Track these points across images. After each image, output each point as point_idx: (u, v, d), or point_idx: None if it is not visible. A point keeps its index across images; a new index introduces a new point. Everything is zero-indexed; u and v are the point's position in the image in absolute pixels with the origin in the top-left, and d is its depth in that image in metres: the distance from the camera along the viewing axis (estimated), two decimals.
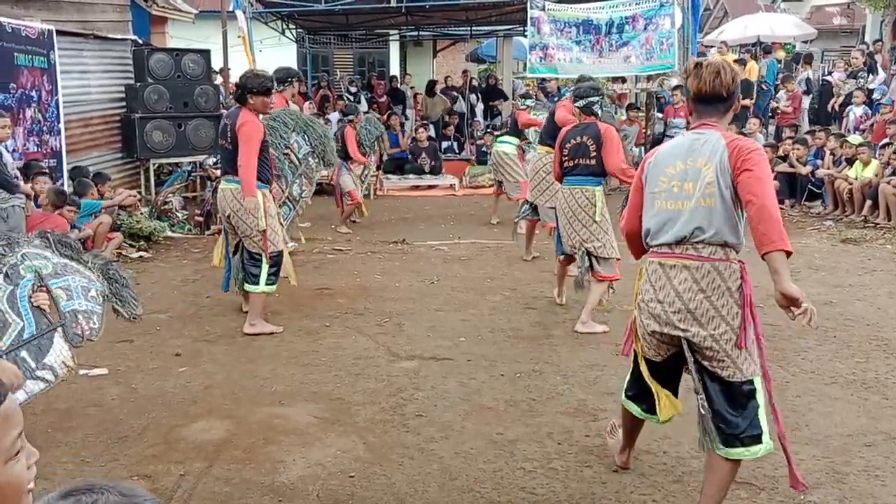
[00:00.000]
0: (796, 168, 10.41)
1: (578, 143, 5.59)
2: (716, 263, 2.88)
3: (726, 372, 2.90)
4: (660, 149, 3.09)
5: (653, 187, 3.01)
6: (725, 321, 2.87)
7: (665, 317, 2.96)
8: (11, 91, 7.88)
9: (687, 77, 3.00)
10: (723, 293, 2.87)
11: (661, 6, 11.21)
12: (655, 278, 2.98)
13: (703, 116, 2.99)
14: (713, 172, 2.85)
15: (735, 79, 2.96)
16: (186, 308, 6.22)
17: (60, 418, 4.17)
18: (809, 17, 22.28)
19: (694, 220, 2.87)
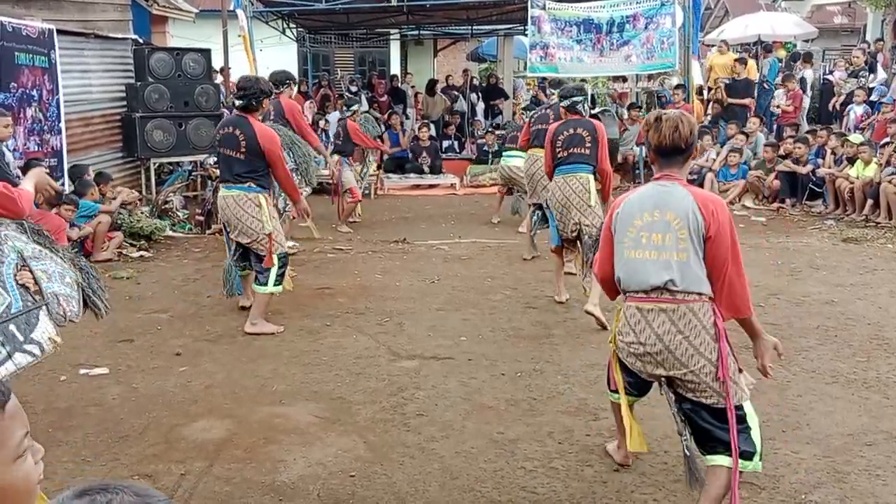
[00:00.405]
0: (797, 167, 10.39)
1: (572, 134, 5.80)
2: (690, 305, 2.97)
3: (710, 400, 2.99)
4: (627, 198, 3.18)
5: (622, 237, 3.11)
6: (703, 357, 2.97)
7: (647, 358, 3.05)
8: (12, 90, 7.87)
9: (648, 130, 3.11)
10: (699, 332, 2.97)
11: (661, 5, 11.21)
12: (634, 322, 3.06)
13: (664, 168, 3.11)
14: (686, 229, 2.96)
15: (693, 131, 3.08)
16: (187, 307, 6.22)
17: (61, 417, 4.17)
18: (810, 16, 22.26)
19: (667, 272, 2.97)
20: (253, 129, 5.38)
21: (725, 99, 12.80)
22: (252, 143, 5.37)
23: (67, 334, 5.12)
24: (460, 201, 11.79)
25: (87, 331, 5.50)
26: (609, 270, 3.20)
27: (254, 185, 5.46)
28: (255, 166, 5.45)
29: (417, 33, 19.20)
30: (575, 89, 6.02)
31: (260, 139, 5.38)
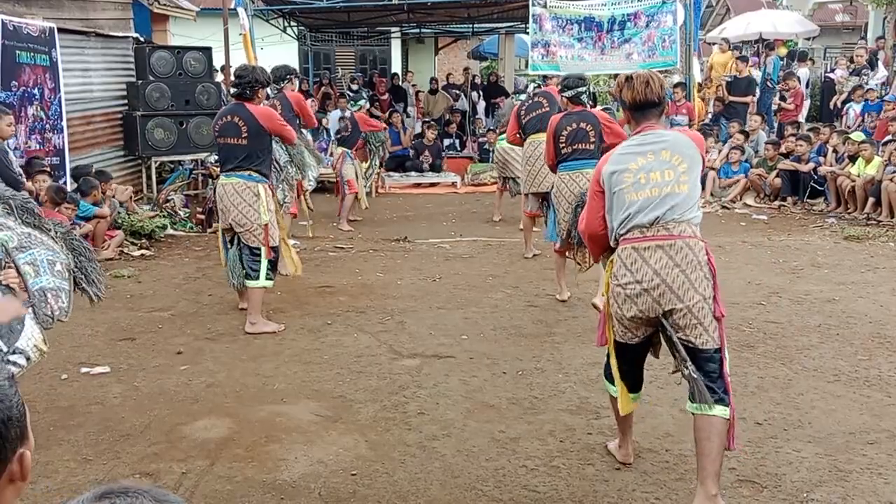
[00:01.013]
0: (798, 165, 10.38)
1: (576, 129, 5.76)
2: (686, 240, 3.12)
3: (700, 339, 3.10)
4: (612, 154, 3.33)
5: (619, 185, 3.22)
6: (697, 292, 3.09)
7: (644, 297, 3.13)
8: (14, 89, 7.88)
9: (620, 90, 3.31)
10: (695, 267, 3.10)
11: (663, 3, 11.19)
12: (630, 261, 3.16)
13: (641, 122, 3.30)
14: (686, 163, 3.17)
15: (663, 86, 3.30)
16: (188, 306, 6.22)
17: (62, 416, 4.17)
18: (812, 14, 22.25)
19: (667, 202, 3.13)
20: (250, 112, 5.42)
21: (727, 97, 12.79)
22: (253, 124, 5.40)
23: (68, 333, 5.16)
24: (461, 200, 11.79)
25: (88, 329, 5.51)
26: (597, 225, 3.34)
27: (254, 174, 5.45)
28: (259, 151, 5.46)
29: (418, 31, 19.19)
30: (578, 79, 6.01)
31: (260, 119, 5.43)
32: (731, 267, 7.02)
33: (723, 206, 10.55)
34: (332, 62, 19.87)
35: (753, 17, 17.86)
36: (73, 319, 4.14)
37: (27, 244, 3.35)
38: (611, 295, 3.27)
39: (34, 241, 3.39)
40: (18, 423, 1.17)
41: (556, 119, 5.92)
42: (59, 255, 3.45)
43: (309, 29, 17.21)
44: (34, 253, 3.35)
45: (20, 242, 3.33)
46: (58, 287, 3.34)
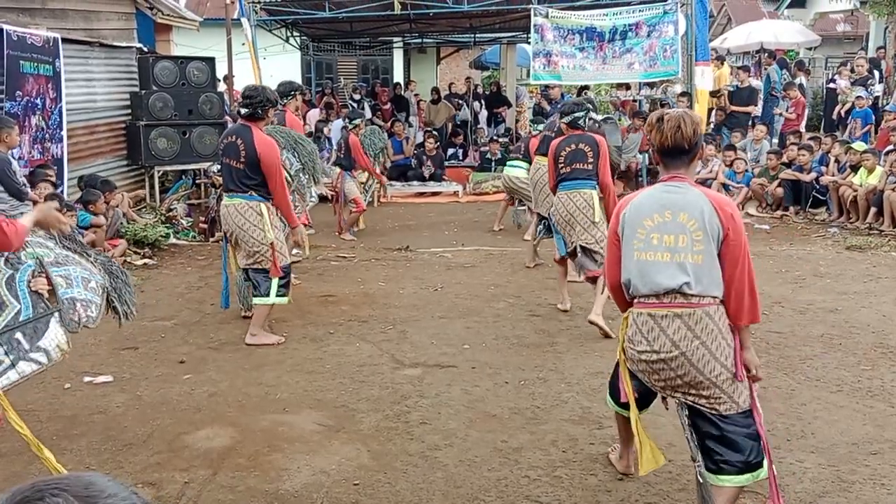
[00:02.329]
0: (800, 175, 10.39)
1: (575, 149, 5.82)
2: (706, 308, 2.93)
3: (723, 407, 2.95)
4: (633, 200, 3.13)
5: (631, 239, 3.04)
6: (719, 362, 2.92)
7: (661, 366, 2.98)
8: (17, 99, 7.91)
9: (650, 131, 3.07)
10: (716, 336, 2.92)
11: (664, 13, 11.23)
12: (647, 329, 2.99)
13: (670, 169, 3.07)
14: (700, 230, 2.91)
15: (696, 130, 3.02)
16: (191, 315, 6.23)
17: (66, 426, 4.18)
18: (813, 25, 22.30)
19: (682, 274, 2.92)
20: (252, 137, 5.36)
21: (728, 106, 12.82)
22: (250, 150, 5.34)
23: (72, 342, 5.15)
24: (463, 209, 11.80)
25: (91, 338, 5.51)
26: (617, 276, 3.13)
27: (255, 195, 5.43)
28: (256, 176, 5.41)
29: (420, 41, 19.25)
30: (574, 105, 6.07)
31: (257, 146, 5.33)
32: None
33: None
34: (335, 72, 19.92)
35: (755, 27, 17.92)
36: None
37: (63, 262, 3.46)
38: (626, 357, 3.14)
39: (71, 261, 3.50)
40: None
41: (555, 142, 5.99)
42: (95, 277, 3.56)
43: (311, 39, 17.26)
44: (69, 269, 3.45)
45: (56, 259, 3.44)
46: (88, 299, 3.46)
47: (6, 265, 3.26)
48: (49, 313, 3.31)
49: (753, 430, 2.97)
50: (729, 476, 2.95)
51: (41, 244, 3.43)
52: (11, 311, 3.19)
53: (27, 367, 3.19)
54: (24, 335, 3.20)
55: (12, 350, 3.15)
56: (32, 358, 3.20)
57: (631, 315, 3.09)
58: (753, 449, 2.95)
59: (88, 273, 3.53)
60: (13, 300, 3.22)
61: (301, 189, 6.92)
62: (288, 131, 6.91)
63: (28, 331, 3.21)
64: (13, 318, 3.19)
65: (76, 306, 3.39)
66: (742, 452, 2.94)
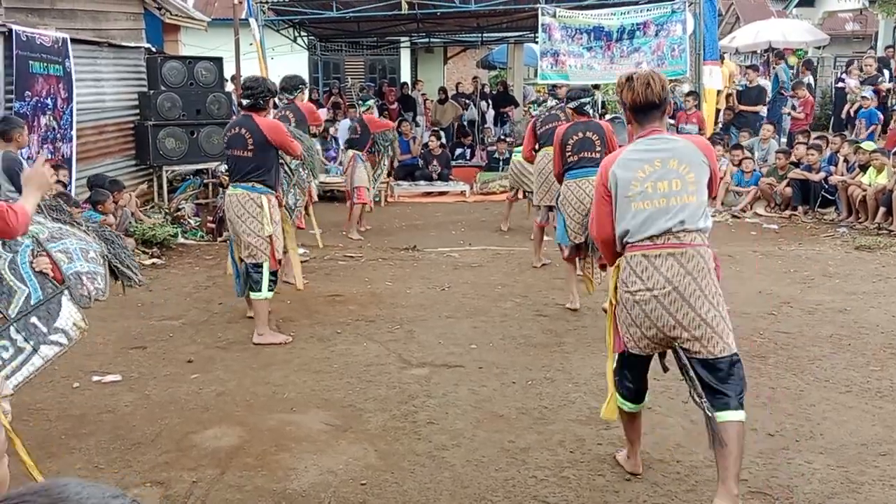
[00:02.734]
0: (809, 174, 10.35)
1: (582, 138, 5.86)
2: (697, 248, 3.12)
3: (717, 348, 3.09)
4: (619, 156, 3.27)
5: (626, 192, 3.18)
6: (709, 301, 3.09)
7: (654, 304, 3.11)
8: (27, 99, 7.94)
9: (621, 91, 3.24)
10: (705, 274, 3.11)
11: (672, 13, 11.20)
12: (641, 269, 3.14)
13: (644, 124, 3.24)
14: (694, 172, 3.14)
15: (665, 86, 3.22)
16: (199, 315, 6.24)
17: (75, 425, 4.19)
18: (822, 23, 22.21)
19: (678, 214, 3.11)
20: (257, 124, 5.45)
21: (736, 105, 12.78)
22: (258, 137, 5.42)
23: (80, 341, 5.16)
24: (470, 208, 11.80)
25: (100, 338, 5.54)
26: (609, 229, 3.27)
27: (258, 186, 5.48)
28: (264, 163, 5.48)
29: (428, 41, 19.25)
30: (582, 90, 6.09)
31: (266, 131, 5.45)
32: (742, 276, 6.99)
33: (733, 215, 10.52)
34: (342, 72, 19.96)
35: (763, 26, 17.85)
36: None
37: (59, 236, 3.44)
38: (620, 301, 3.26)
39: (65, 233, 3.48)
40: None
41: (562, 129, 5.99)
42: (92, 245, 3.53)
43: (319, 39, 17.29)
44: (66, 243, 3.43)
45: (51, 234, 3.41)
46: (92, 271, 3.43)
47: (4, 249, 3.23)
48: (58, 292, 3.29)
49: (740, 373, 3.14)
50: (729, 412, 3.08)
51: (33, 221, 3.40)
52: (21, 295, 3.16)
53: (49, 350, 3.18)
54: (39, 318, 3.18)
55: (31, 336, 3.14)
56: (53, 340, 3.19)
57: (624, 260, 3.23)
58: (737, 391, 3.11)
59: (85, 243, 3.50)
60: (20, 284, 3.19)
61: (301, 183, 6.94)
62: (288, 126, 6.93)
63: (42, 313, 3.20)
64: (24, 302, 3.16)
65: (82, 280, 3.36)
66: (736, 390, 3.10)
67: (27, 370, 3.14)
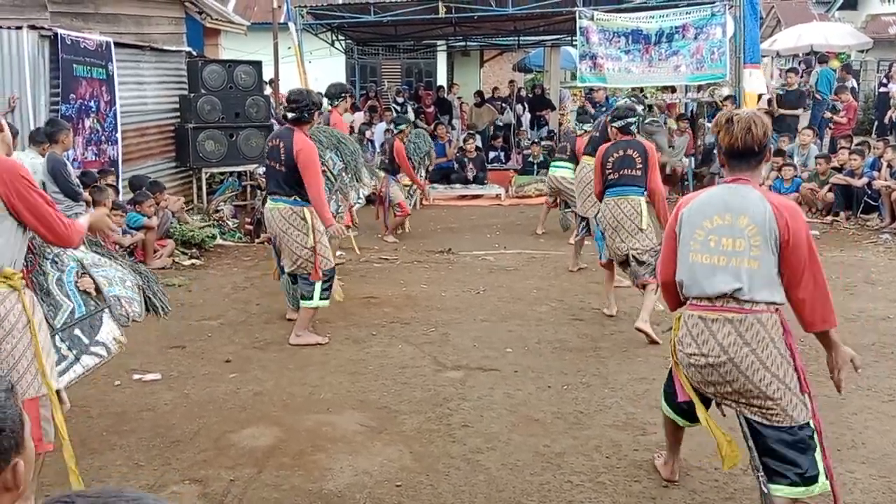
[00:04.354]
0: (852, 180, 10.16)
1: (623, 156, 5.73)
2: (759, 315, 2.88)
3: (776, 418, 2.89)
4: (695, 199, 3.08)
5: (688, 240, 3.01)
6: (770, 371, 2.87)
7: (709, 371, 2.95)
8: (71, 101, 8.11)
9: (718, 132, 2.99)
10: (767, 345, 2.87)
11: (712, 15, 11.09)
12: (697, 332, 2.97)
13: (735, 171, 2.99)
14: (759, 234, 2.86)
15: (767, 132, 2.95)
16: (237, 315, 6.31)
17: (116, 422, 4.27)
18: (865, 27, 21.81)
19: (737, 279, 2.88)
20: (292, 139, 5.38)
21: (776, 109, 12.60)
22: (289, 153, 5.37)
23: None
24: (505, 212, 11.78)
25: (140, 337, 5.62)
26: (671, 273, 3.10)
27: (299, 199, 5.46)
28: (295, 178, 5.41)
29: (464, 44, 19.27)
30: (628, 109, 5.93)
31: (295, 147, 5.33)
32: None
33: None
34: (379, 75, 20.06)
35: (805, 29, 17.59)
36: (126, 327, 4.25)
37: (100, 264, 3.66)
38: (677, 358, 3.12)
39: (104, 263, 3.70)
40: (12, 434, 1.21)
41: (603, 147, 5.88)
42: (128, 275, 3.77)
43: (356, 42, 17.40)
44: (107, 271, 3.65)
45: (94, 262, 3.63)
46: (129, 296, 3.70)
47: (53, 267, 3.40)
48: (100, 309, 3.47)
49: (810, 443, 2.89)
50: (781, 486, 2.88)
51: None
52: (66, 309, 3.34)
53: (90, 360, 3.37)
54: (82, 331, 3.38)
55: (74, 346, 3.32)
56: (93, 352, 3.36)
57: (683, 316, 3.07)
58: (810, 463, 2.88)
59: (122, 273, 3.72)
60: (66, 299, 3.38)
61: (344, 189, 6.98)
62: (331, 131, 6.97)
63: (85, 327, 3.38)
64: (69, 315, 3.35)
65: (121, 302, 3.60)
66: (795, 465, 2.87)
67: (68, 376, 3.34)
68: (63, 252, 3.46)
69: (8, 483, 1.21)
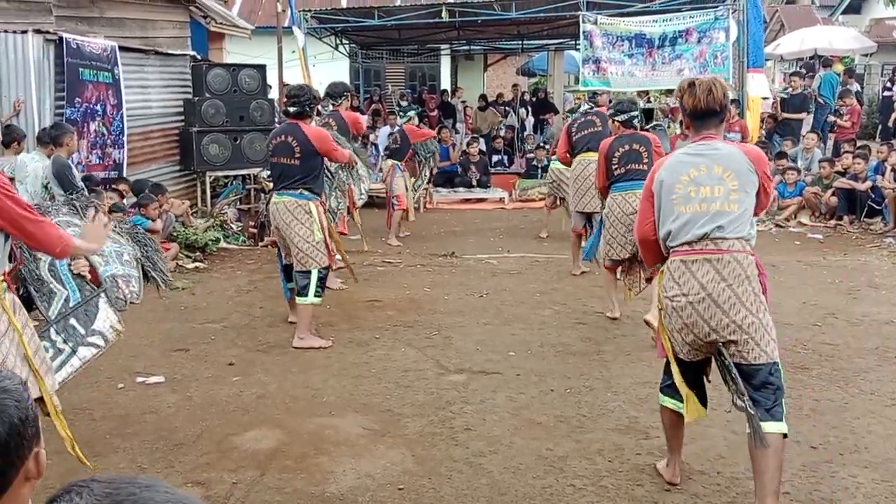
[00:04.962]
0: (855, 184, 10.15)
1: (629, 150, 5.79)
2: (735, 254, 3.10)
3: (752, 354, 3.07)
4: (666, 161, 3.32)
5: (669, 195, 3.21)
6: (745, 307, 3.06)
7: (690, 311, 3.12)
8: (77, 105, 8.13)
9: (682, 96, 3.25)
10: (742, 281, 3.08)
11: (715, 19, 11.10)
12: (678, 274, 3.17)
13: (700, 131, 3.26)
14: (737, 180, 3.13)
15: (726, 94, 3.23)
16: (240, 318, 6.33)
17: (119, 425, 4.27)
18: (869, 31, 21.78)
19: (716, 220, 3.11)
20: (305, 133, 5.52)
21: (780, 113, 12.60)
22: (306, 146, 5.49)
23: (125, 343, 5.28)
24: (509, 215, 11.79)
25: (144, 339, 5.65)
26: (650, 230, 3.32)
27: (305, 192, 5.54)
28: (311, 171, 5.55)
29: (468, 48, 19.30)
30: (630, 103, 6.03)
31: (313, 140, 5.53)
32: (786, 287, 6.88)
33: (777, 224, 10.36)
34: (383, 79, 20.09)
35: (808, 33, 17.56)
36: (129, 329, 4.28)
37: None
38: (661, 307, 3.28)
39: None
40: (34, 424, 1.25)
41: (607, 142, 5.92)
42: (126, 247, 3.63)
43: (360, 46, 17.44)
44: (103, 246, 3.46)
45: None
46: (127, 273, 3.52)
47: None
48: (96, 294, 3.36)
49: (778, 383, 3.10)
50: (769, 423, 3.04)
51: (69, 223, 3.44)
52: (61, 297, 3.22)
53: (87, 351, 3.25)
54: (78, 321, 3.25)
55: (70, 337, 3.20)
56: (90, 342, 3.26)
57: (666, 264, 3.27)
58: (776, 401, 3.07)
59: (119, 245, 3.59)
60: (60, 286, 3.25)
61: (342, 186, 7.00)
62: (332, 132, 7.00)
63: (81, 315, 3.26)
64: (64, 304, 3.22)
65: (118, 283, 3.46)
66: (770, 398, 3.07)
67: (66, 371, 3.20)
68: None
69: (30, 472, 1.24)
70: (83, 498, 0.87)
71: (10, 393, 1.23)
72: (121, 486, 0.90)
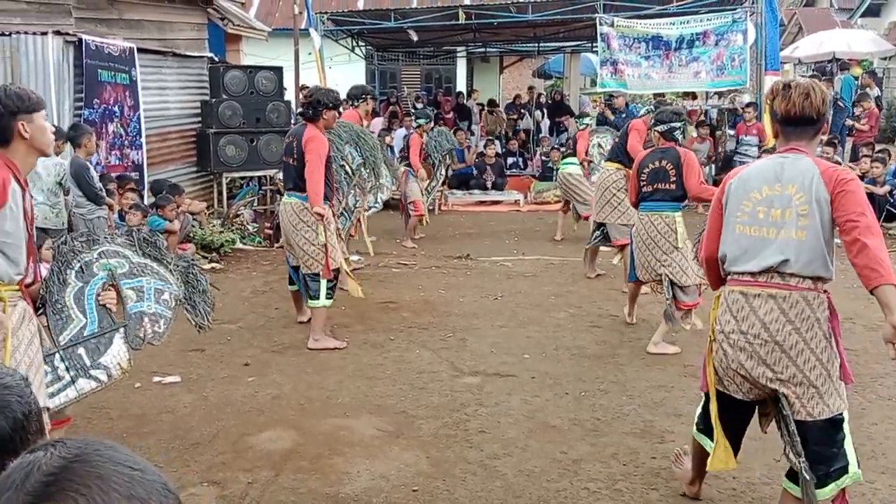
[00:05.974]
0: (874, 188, 10.06)
1: (657, 167, 5.50)
2: (804, 293, 2.73)
3: (816, 409, 2.74)
4: (744, 170, 2.94)
5: (734, 211, 2.87)
6: (814, 354, 2.72)
7: (748, 352, 2.79)
8: (95, 106, 8.20)
9: (774, 98, 2.85)
10: (812, 325, 2.72)
11: (733, 22, 11.06)
12: (737, 308, 2.82)
13: (790, 140, 2.85)
14: (806, 202, 2.71)
15: (825, 100, 2.83)
16: (256, 319, 6.35)
17: (135, 423, 4.31)
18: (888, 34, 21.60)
19: (783, 251, 2.74)
20: (303, 136, 5.51)
21: None
22: (299, 148, 5.50)
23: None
24: (524, 218, 11.78)
25: None
26: (715, 249, 2.96)
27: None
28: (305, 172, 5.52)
29: (484, 50, 19.31)
30: (674, 114, 5.69)
31: (304, 145, 5.46)
32: None
33: None
34: (399, 81, 20.13)
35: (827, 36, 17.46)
36: None
37: (138, 273, 3.42)
38: (714, 340, 2.95)
39: (147, 271, 3.45)
40: (37, 418, 1.27)
41: (641, 155, 5.73)
42: (170, 287, 3.49)
43: (376, 48, 17.49)
44: (142, 281, 3.41)
45: (131, 270, 3.40)
46: (158, 313, 3.39)
47: (77, 278, 3.25)
48: (114, 329, 3.27)
49: (842, 436, 2.79)
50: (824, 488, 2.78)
51: (117, 253, 3.39)
52: (77, 325, 3.18)
53: (86, 384, 3.16)
54: (86, 350, 3.18)
55: (73, 366, 3.14)
56: (93, 375, 3.13)
57: (723, 293, 2.92)
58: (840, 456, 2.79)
59: (163, 283, 3.47)
60: (80, 315, 3.20)
61: (362, 184, 7.00)
62: (351, 125, 7.00)
63: (91, 346, 3.20)
64: (78, 332, 3.18)
65: (143, 321, 3.34)
66: (835, 459, 2.77)
67: (59, 400, 3.09)
68: (96, 261, 3.30)
69: None
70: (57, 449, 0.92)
71: (13, 389, 1.25)
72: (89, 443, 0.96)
